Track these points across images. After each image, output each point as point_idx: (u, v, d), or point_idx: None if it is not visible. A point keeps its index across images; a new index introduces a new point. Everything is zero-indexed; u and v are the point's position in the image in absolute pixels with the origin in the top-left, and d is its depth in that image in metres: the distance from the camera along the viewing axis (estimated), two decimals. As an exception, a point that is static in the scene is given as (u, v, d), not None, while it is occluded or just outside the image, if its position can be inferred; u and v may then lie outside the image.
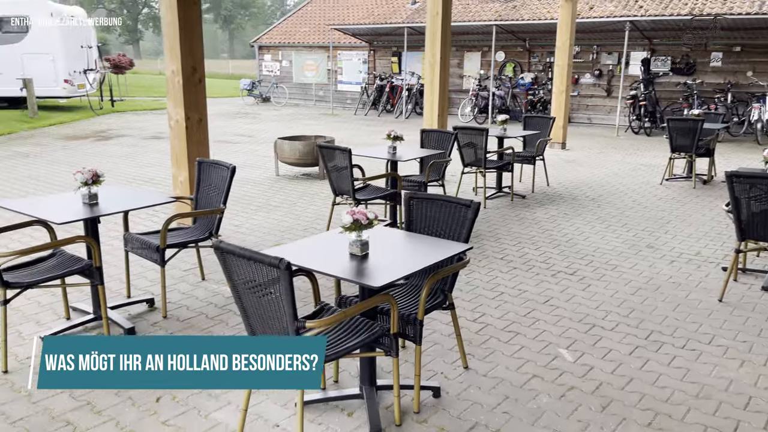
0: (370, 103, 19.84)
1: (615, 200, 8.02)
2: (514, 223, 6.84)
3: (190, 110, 5.76)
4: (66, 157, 10.84)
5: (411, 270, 2.86)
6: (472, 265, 5.41)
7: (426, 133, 7.21)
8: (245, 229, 6.48)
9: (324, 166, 5.97)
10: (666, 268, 5.42)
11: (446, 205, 3.55)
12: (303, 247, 3.36)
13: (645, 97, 14.73)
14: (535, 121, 8.97)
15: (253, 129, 15.57)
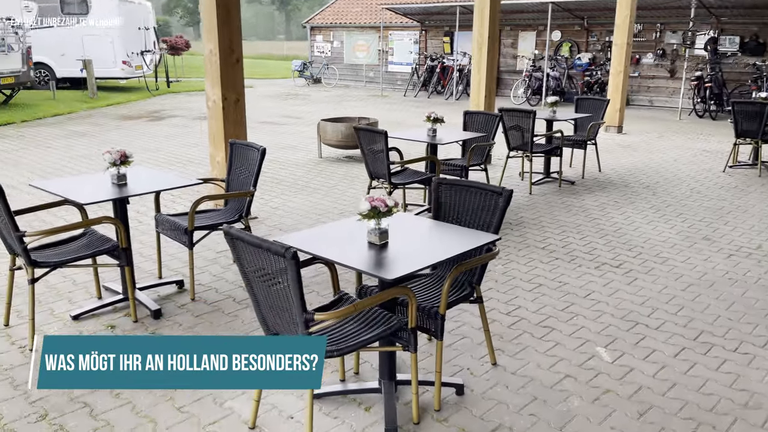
0: (420, 84, 19.53)
1: (671, 188, 7.57)
2: (560, 211, 6.54)
3: (227, 90, 5.71)
4: (119, 137, 11.09)
5: (429, 262, 2.69)
6: (511, 255, 5.18)
7: (469, 115, 6.96)
8: (282, 212, 6.43)
9: (360, 148, 5.82)
10: (722, 262, 5.04)
11: (476, 192, 3.35)
12: (322, 233, 3.24)
13: (711, 78, 13.90)
14: (587, 103, 8.55)
15: (301, 110, 15.57)
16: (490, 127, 6.71)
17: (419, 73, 19.88)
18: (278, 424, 2.84)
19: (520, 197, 7.08)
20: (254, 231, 5.75)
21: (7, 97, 14.75)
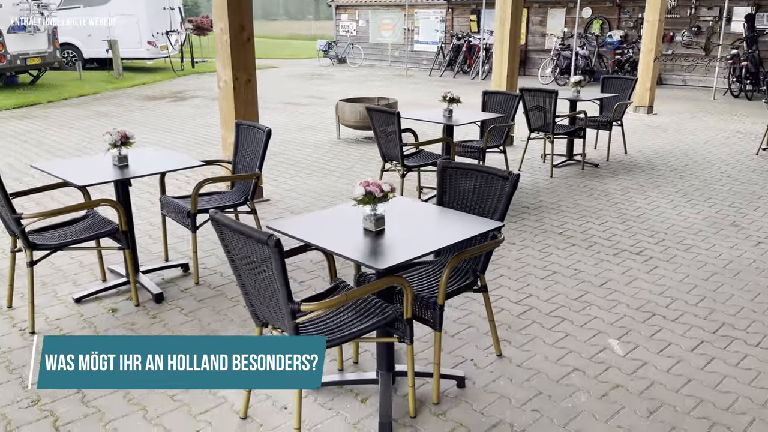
0: (446, 63, 19.18)
1: (700, 171, 7.26)
2: (581, 195, 6.31)
3: (238, 70, 5.60)
4: (141, 117, 11.12)
5: (426, 250, 2.55)
6: (527, 240, 5.01)
7: (488, 96, 6.74)
8: (295, 194, 6.34)
9: (373, 129, 5.68)
10: (750, 250, 4.80)
11: (482, 176, 3.19)
12: (318, 219, 3.11)
13: (747, 56, 13.31)
14: (614, 82, 8.23)
15: (324, 90, 15.43)
16: (510, 108, 6.49)
17: (445, 52, 19.53)
18: (271, 414, 2.77)
19: (540, 180, 6.86)
20: (265, 214, 5.68)
21: (34, 78, 14.93)
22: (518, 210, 5.81)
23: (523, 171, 7.27)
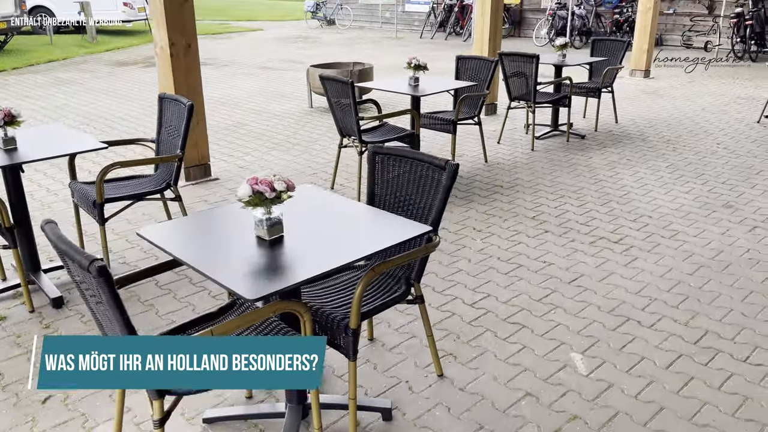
0: (438, 25, 18.33)
1: (695, 142, 6.68)
2: (562, 171, 5.75)
3: (175, 33, 4.99)
4: (105, 84, 10.47)
5: (326, 267, 2.02)
6: (494, 227, 4.48)
7: (462, 61, 6.12)
8: (249, 172, 5.78)
9: (328, 101, 5.09)
10: (743, 237, 4.27)
11: (417, 165, 2.64)
12: (207, 221, 2.56)
13: (753, 15, 12.52)
14: (604, 45, 7.57)
15: (307, 54, 14.68)
16: (485, 75, 5.88)
17: (437, 13, 18.66)
18: None
19: (519, 155, 6.29)
20: (212, 195, 5.15)
21: (1, 44, 14.20)
22: (491, 189, 5.27)
23: (503, 143, 6.70)
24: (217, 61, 13.45)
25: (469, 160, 6.16)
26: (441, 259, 3.96)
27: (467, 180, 5.54)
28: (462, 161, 6.09)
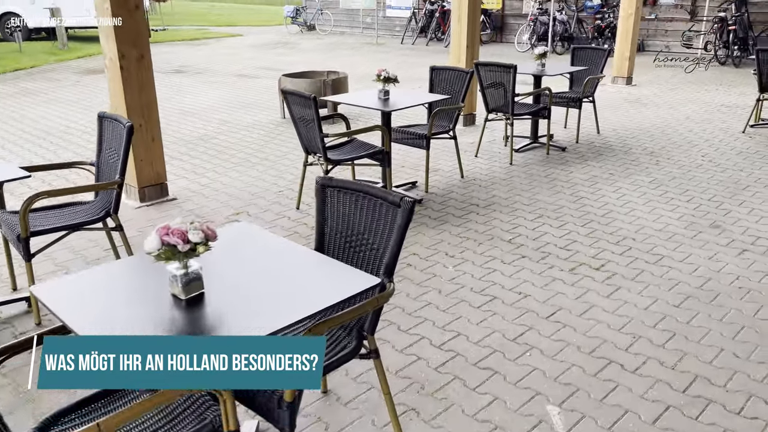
0: (418, 30, 18.07)
1: (680, 155, 6.43)
2: (541, 187, 5.47)
3: (125, 44, 4.65)
4: (70, 95, 10.06)
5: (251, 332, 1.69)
6: (467, 252, 4.17)
7: (436, 72, 5.82)
8: (210, 191, 5.43)
9: (291, 116, 4.76)
10: (733, 262, 4.00)
11: (369, 200, 2.33)
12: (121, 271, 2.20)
13: (736, 20, 12.38)
14: (585, 54, 7.32)
15: (285, 61, 14.34)
16: (460, 87, 5.58)
17: (418, 18, 18.40)
18: None
19: (497, 169, 6.00)
20: (167, 217, 4.78)
21: (-34, 51, 13.70)
22: (466, 209, 4.97)
23: (481, 157, 6.41)
24: (190, 69, 13.07)
25: (444, 175, 5.86)
26: (409, 290, 3.65)
27: (442, 198, 5.24)
28: (437, 177, 5.79)
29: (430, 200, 5.20)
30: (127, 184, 5.04)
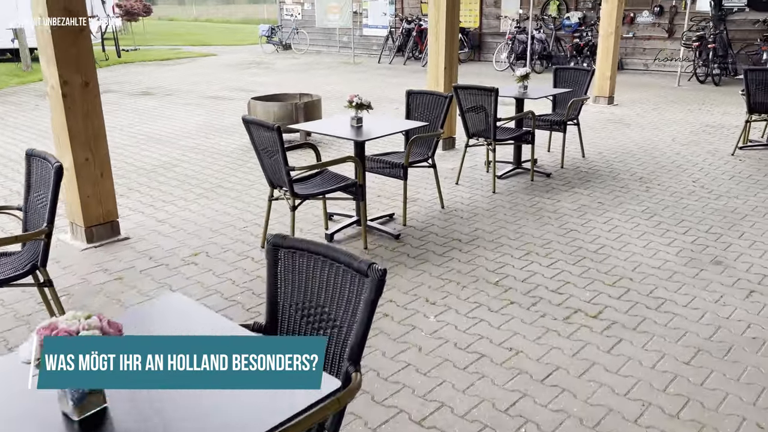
0: (396, 49, 17.81)
1: (669, 180, 6.12)
2: (527, 219, 5.09)
3: (68, 70, 4.18)
4: (28, 120, 9.51)
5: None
6: (450, 297, 3.75)
7: (413, 97, 5.44)
8: (168, 227, 4.96)
9: (254, 147, 4.33)
10: (741, 306, 3.63)
11: (331, 266, 1.90)
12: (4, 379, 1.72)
13: (715, 38, 12.27)
14: (567, 74, 7.01)
15: (258, 82, 13.93)
16: (439, 112, 5.21)
17: (395, 37, 18.15)
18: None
19: (480, 198, 5.62)
20: (115, 261, 4.31)
21: None
22: (448, 245, 4.57)
23: (462, 184, 6.03)
24: (159, 90, 12.59)
25: (424, 206, 5.46)
26: (386, 348, 3.22)
27: (421, 232, 4.83)
28: (416, 208, 5.38)
29: (408, 235, 4.79)
30: (73, 224, 4.57)
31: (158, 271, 4.16)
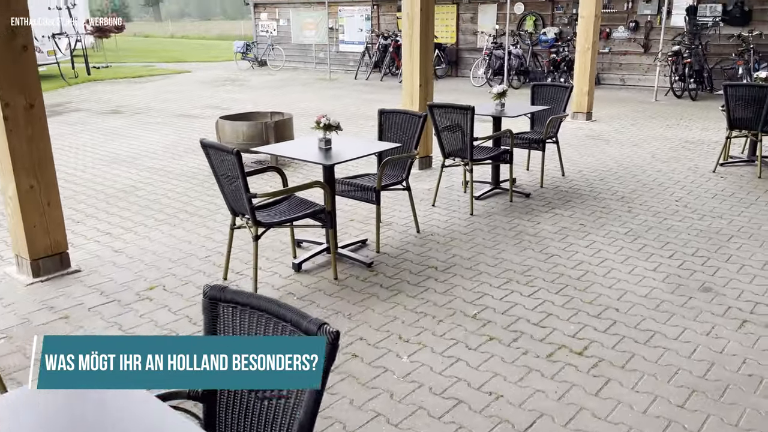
0: (372, 65, 17.64)
1: (652, 199, 5.93)
2: (507, 243, 4.85)
3: (10, 92, 3.87)
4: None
5: None
6: (425, 334, 3.48)
7: (386, 116, 5.19)
8: (124, 258, 4.63)
9: (214, 173, 4.04)
10: (734, 338, 3.41)
11: (276, 325, 1.62)
12: None
13: (690, 53, 12.28)
14: (545, 91, 6.84)
15: (232, 99, 13.64)
16: (413, 132, 4.97)
17: (371, 53, 18.00)
18: None
19: (457, 221, 5.38)
20: (63, 297, 3.98)
21: None
22: (423, 273, 4.30)
23: (438, 206, 5.78)
24: (129, 109, 12.24)
25: (398, 230, 5.20)
26: (354, 395, 2.93)
27: (395, 260, 4.56)
28: (390, 233, 5.12)
29: (381, 263, 4.52)
30: (18, 256, 4.22)
31: (109, 308, 3.83)
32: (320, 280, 4.24)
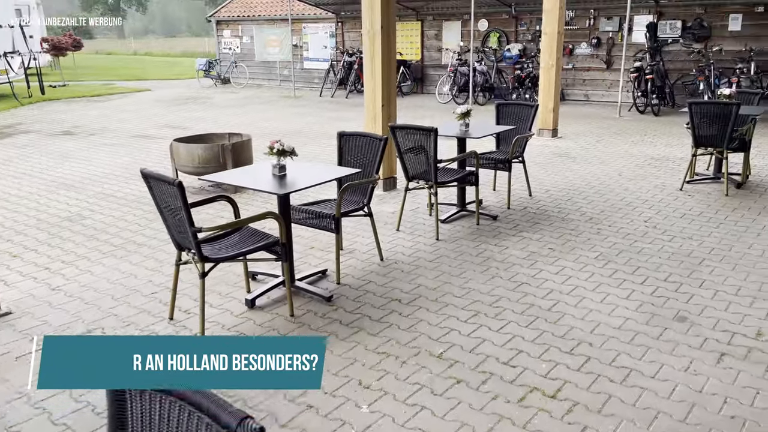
0: (337, 82, 17.43)
1: (621, 220, 5.79)
2: (474, 270, 4.63)
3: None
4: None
5: None
6: (387, 377, 3.21)
7: (345, 139, 4.95)
8: (61, 296, 4.25)
9: (156, 203, 3.72)
10: (714, 374, 3.22)
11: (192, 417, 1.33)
12: None
13: (652, 69, 12.37)
14: (511, 110, 6.68)
15: (192, 118, 13.26)
16: (374, 155, 4.73)
17: (336, 70, 17.80)
18: None
19: (422, 247, 5.14)
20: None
21: None
22: (386, 306, 4.04)
23: (403, 230, 5.54)
24: (83, 130, 11.77)
25: (361, 258, 4.93)
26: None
27: (357, 292, 4.29)
28: (352, 261, 4.85)
29: (342, 295, 4.25)
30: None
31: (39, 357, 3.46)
32: (275, 317, 3.94)
